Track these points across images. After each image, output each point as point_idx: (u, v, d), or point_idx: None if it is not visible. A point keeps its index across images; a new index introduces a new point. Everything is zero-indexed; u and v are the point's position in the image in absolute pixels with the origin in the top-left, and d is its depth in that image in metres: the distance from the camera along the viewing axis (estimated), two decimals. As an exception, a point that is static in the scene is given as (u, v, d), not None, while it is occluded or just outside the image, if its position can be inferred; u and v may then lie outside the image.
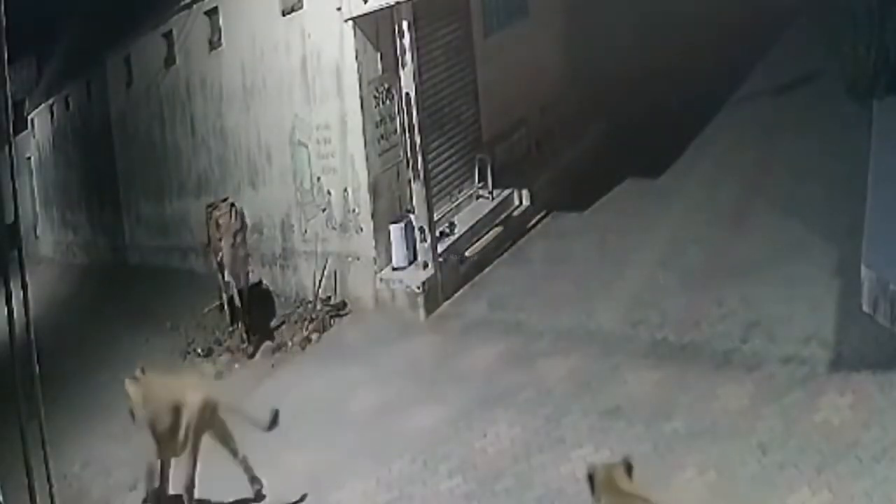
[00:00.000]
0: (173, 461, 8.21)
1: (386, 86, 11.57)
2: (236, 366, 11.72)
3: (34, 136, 22.86)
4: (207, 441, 8.08)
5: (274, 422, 8.00)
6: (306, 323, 11.79)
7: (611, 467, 5.53)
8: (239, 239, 11.93)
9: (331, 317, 11.78)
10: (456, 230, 12.03)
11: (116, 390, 11.97)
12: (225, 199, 12.66)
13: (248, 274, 12.20)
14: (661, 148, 12.91)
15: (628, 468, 5.44)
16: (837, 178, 10.34)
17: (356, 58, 11.19)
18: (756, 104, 13.19)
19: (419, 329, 10.85)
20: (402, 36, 10.69)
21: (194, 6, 13.78)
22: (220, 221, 11.99)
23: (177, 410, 8.05)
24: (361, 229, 11.68)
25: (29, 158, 23.31)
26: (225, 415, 8.12)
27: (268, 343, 11.80)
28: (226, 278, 12.02)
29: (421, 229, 11.23)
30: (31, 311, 3.87)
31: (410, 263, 11.41)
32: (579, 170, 13.28)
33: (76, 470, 10.30)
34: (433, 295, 11.12)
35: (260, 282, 13.23)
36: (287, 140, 12.48)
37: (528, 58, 13.76)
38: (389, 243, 11.48)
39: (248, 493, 8.27)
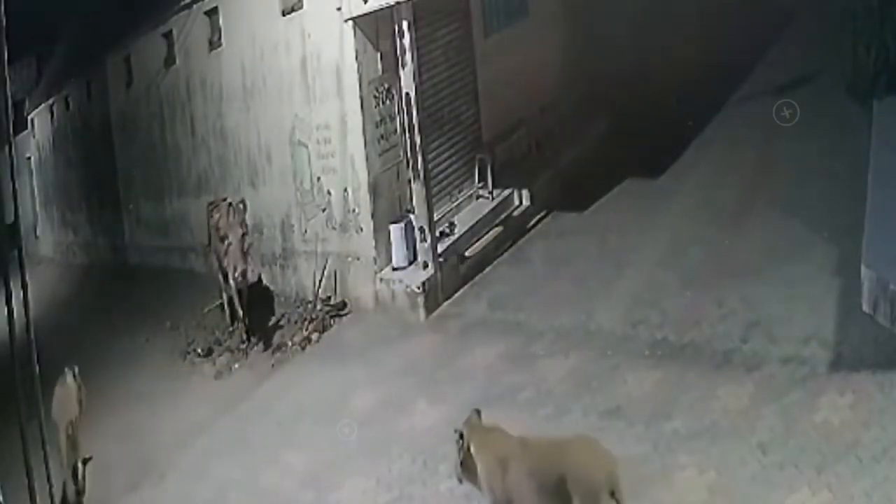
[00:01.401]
0: None
1: (386, 86, 11.55)
2: (236, 365, 11.76)
3: (34, 136, 22.84)
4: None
5: None
6: (306, 323, 11.78)
7: (471, 419, 6.59)
8: (235, 238, 11.92)
9: (331, 317, 11.78)
10: (456, 230, 12.01)
11: (116, 390, 12.09)
12: (225, 199, 12.69)
13: (246, 273, 12.17)
14: (661, 148, 12.89)
15: (478, 413, 6.65)
16: (837, 178, 10.31)
17: (356, 58, 11.18)
18: (756, 104, 13.17)
19: (419, 329, 10.83)
20: (402, 36, 10.68)
21: (194, 6, 13.77)
22: (219, 221, 12.00)
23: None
24: (361, 229, 11.67)
25: (29, 158, 23.29)
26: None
27: (268, 342, 11.82)
28: (227, 278, 12.02)
29: (421, 229, 11.23)
30: (31, 311, 3.86)
31: (410, 263, 11.40)
32: (579, 170, 13.26)
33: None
34: (433, 295, 11.11)
35: (260, 280, 13.23)
36: (287, 140, 12.46)
37: (527, 58, 13.73)
38: (389, 243, 11.47)
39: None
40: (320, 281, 12.11)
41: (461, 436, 6.51)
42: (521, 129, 13.81)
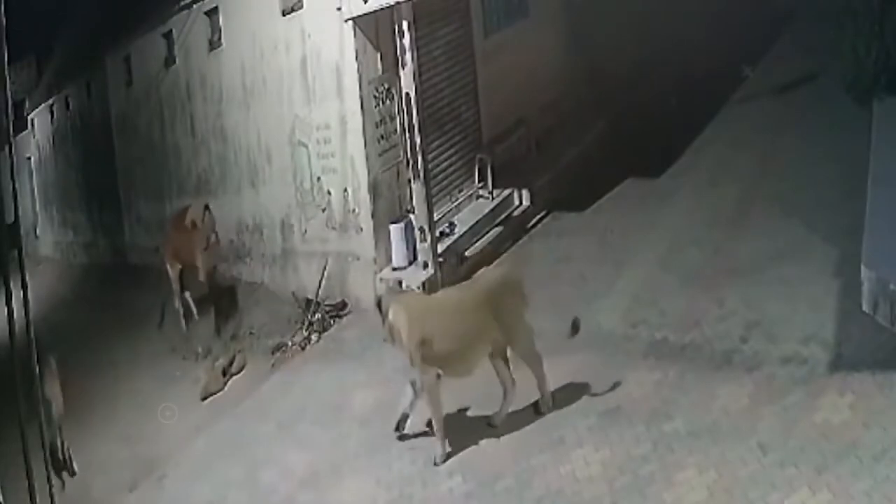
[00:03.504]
0: None
1: (386, 86, 11.55)
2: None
3: (34, 136, 22.85)
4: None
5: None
6: (306, 323, 11.77)
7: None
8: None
9: (331, 317, 11.76)
10: (456, 230, 12.01)
11: (117, 390, 12.11)
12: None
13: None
14: (661, 148, 12.89)
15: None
16: (837, 178, 10.29)
17: (356, 58, 11.18)
18: (756, 104, 13.16)
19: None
20: (402, 36, 10.67)
21: (194, 6, 13.77)
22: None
23: None
24: (361, 229, 11.67)
25: (29, 158, 23.30)
26: None
27: (268, 343, 11.86)
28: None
29: (421, 229, 11.21)
30: (31, 311, 3.86)
31: (410, 263, 11.40)
32: (579, 170, 13.26)
33: (76, 470, 10.33)
34: (433, 295, 11.12)
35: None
36: (287, 140, 12.47)
37: (528, 58, 13.75)
38: (389, 243, 11.47)
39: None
40: (320, 281, 12.10)
41: (379, 304, 8.05)
42: (521, 129, 13.80)
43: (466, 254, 11.74)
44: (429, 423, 8.26)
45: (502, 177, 12.81)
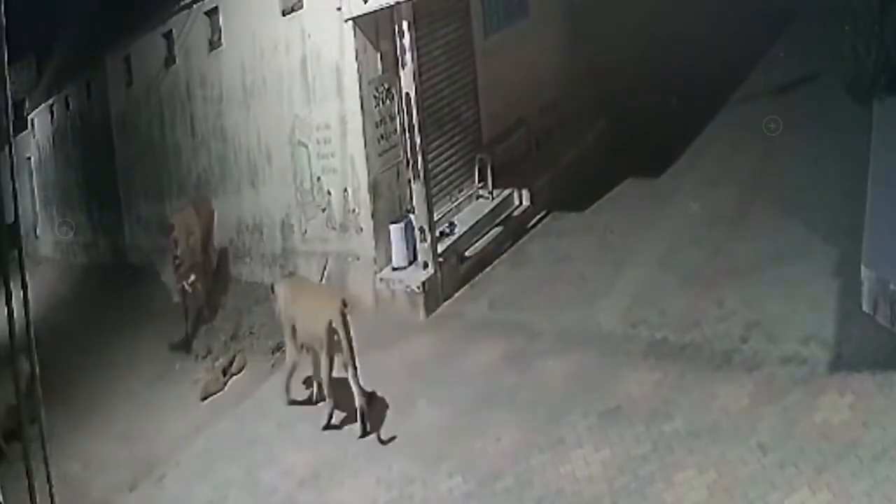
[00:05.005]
0: None
1: (386, 86, 11.55)
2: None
3: (34, 136, 22.85)
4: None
5: None
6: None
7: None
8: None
9: (331, 317, 11.74)
10: (456, 230, 12.01)
11: (117, 390, 12.11)
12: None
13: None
14: (661, 148, 12.91)
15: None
16: (837, 178, 10.32)
17: (356, 58, 11.17)
18: (756, 104, 13.18)
19: (419, 329, 10.81)
20: (402, 36, 10.68)
21: (194, 6, 13.77)
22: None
23: None
24: (361, 229, 11.67)
25: (29, 158, 23.30)
26: None
27: (268, 344, 11.85)
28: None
29: (421, 229, 11.21)
30: (31, 311, 3.86)
31: (410, 263, 11.39)
32: (579, 170, 13.27)
33: (76, 470, 10.32)
34: (433, 295, 11.11)
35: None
36: (287, 140, 12.46)
37: (528, 58, 13.75)
38: (389, 243, 11.47)
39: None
40: (320, 281, 12.08)
41: (272, 288, 10.05)
42: (521, 129, 13.79)
43: (466, 254, 11.74)
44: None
45: (502, 177, 12.81)
